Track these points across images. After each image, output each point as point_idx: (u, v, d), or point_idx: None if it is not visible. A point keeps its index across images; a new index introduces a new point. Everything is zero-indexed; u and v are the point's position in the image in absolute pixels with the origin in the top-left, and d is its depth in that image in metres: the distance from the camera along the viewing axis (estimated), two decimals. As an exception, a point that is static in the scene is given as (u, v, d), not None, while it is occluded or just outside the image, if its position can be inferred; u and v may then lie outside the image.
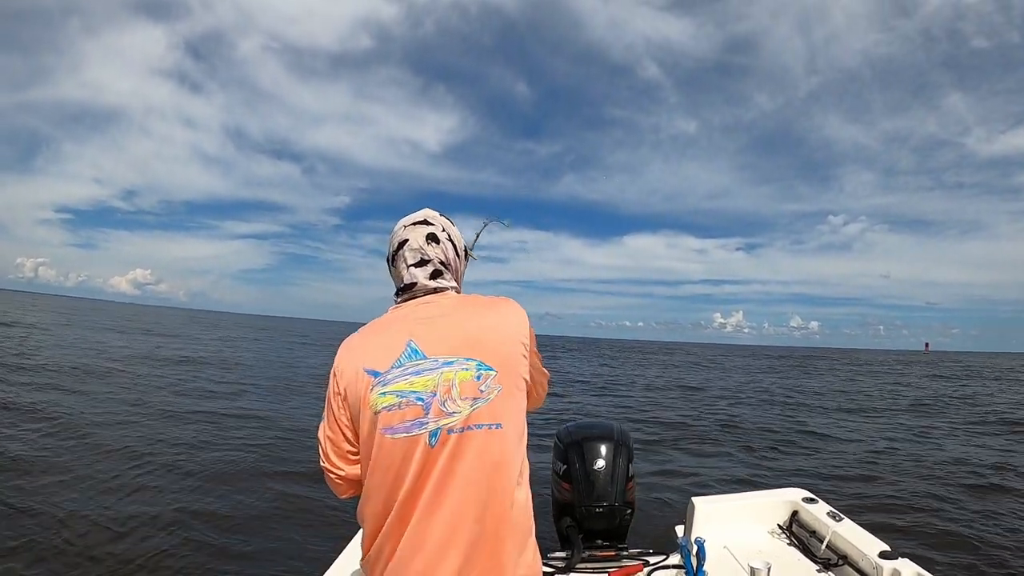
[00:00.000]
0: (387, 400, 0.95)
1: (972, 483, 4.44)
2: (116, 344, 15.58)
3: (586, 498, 2.12)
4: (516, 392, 1.00)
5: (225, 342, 19.85)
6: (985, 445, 5.46)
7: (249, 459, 5.45)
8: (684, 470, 4.95)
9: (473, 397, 0.95)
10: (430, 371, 0.95)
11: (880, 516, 3.83)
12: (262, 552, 3.54)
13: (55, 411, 6.81)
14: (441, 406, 0.94)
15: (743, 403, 7.72)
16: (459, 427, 0.93)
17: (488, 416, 0.95)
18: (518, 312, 1.06)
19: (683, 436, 5.99)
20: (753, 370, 17.50)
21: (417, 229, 1.11)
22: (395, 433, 0.94)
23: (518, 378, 1.01)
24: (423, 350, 0.97)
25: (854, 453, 5.25)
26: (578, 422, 2.45)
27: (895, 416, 6.68)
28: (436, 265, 1.09)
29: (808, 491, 2.21)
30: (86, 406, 7.27)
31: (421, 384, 0.95)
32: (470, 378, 0.95)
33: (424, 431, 0.93)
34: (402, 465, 0.93)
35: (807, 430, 6.12)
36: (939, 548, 3.43)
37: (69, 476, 4.65)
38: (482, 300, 1.08)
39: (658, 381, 12.19)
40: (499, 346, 0.99)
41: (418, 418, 0.93)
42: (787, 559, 1.90)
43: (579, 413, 7.32)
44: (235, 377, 9.78)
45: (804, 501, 2.11)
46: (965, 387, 14.39)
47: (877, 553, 1.71)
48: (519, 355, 1.02)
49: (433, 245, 1.10)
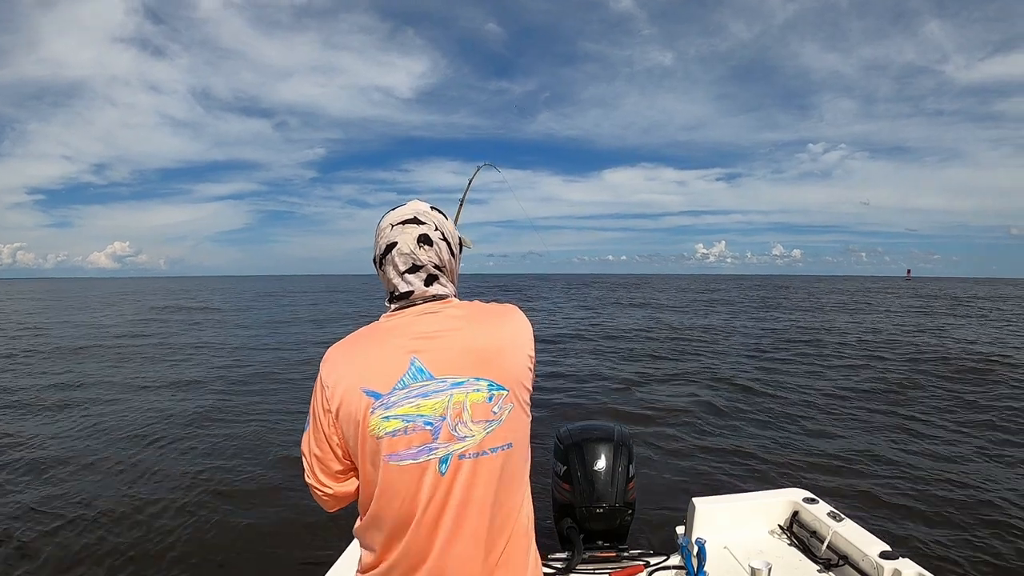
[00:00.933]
0: (391, 425, 0.88)
1: (973, 483, 4.44)
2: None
3: (586, 499, 2.12)
4: (524, 407, 0.97)
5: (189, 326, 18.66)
6: (988, 438, 5.47)
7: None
8: (684, 470, 4.95)
9: (486, 420, 0.90)
10: (438, 393, 0.88)
11: (881, 516, 3.83)
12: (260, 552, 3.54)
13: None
14: (452, 431, 0.88)
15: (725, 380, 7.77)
16: (472, 452, 0.89)
17: (501, 438, 0.91)
18: (524, 322, 1.01)
19: (680, 433, 5.99)
20: (736, 314, 17.93)
21: (407, 230, 0.98)
22: (401, 460, 0.88)
23: (525, 392, 0.97)
24: (430, 369, 0.89)
25: (853, 450, 5.26)
26: (578, 423, 2.45)
27: (884, 398, 6.72)
28: (430, 270, 0.98)
29: (808, 491, 2.22)
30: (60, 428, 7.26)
31: (429, 407, 0.88)
32: (482, 400, 0.90)
33: (433, 457, 0.88)
34: (411, 493, 0.88)
35: (798, 423, 6.13)
36: (942, 548, 3.43)
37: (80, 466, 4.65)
38: (487, 311, 1.00)
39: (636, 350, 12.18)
40: (509, 362, 0.93)
41: (426, 444, 0.88)
42: (788, 559, 1.90)
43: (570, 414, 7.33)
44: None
45: (805, 501, 2.12)
46: (954, 336, 14.35)
47: (878, 553, 1.71)
48: (526, 368, 0.97)
49: (426, 248, 0.98)
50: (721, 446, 5.63)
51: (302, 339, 14.97)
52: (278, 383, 9.00)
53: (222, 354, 12.27)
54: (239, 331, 17.32)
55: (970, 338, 13.88)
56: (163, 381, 9.14)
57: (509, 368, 0.93)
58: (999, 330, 16.10)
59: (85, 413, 6.99)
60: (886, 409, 6.91)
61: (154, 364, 10.96)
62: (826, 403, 7.36)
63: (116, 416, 6.85)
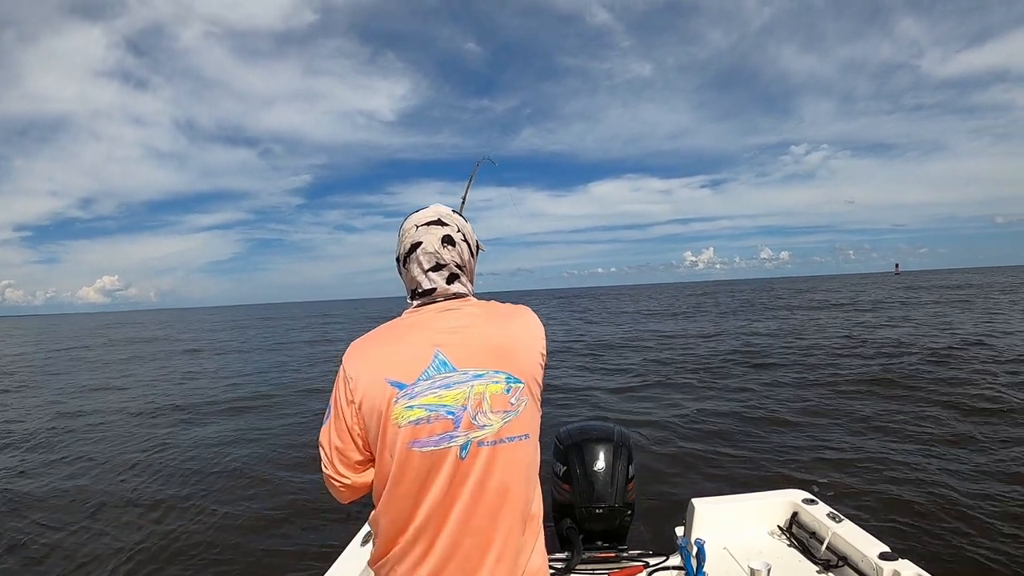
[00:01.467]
0: (415, 414, 0.92)
1: (973, 483, 4.44)
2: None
3: (586, 499, 2.12)
4: (537, 401, 1.03)
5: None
6: (983, 434, 5.47)
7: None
8: (683, 471, 4.96)
9: (504, 410, 0.96)
10: (460, 384, 0.94)
11: (880, 517, 3.83)
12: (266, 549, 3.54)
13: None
14: (472, 420, 0.93)
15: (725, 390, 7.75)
16: (490, 440, 0.94)
17: (518, 428, 0.97)
18: (536, 322, 1.08)
19: (680, 434, 6.00)
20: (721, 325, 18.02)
21: (431, 231, 1.05)
22: (423, 447, 0.93)
23: (538, 388, 1.03)
24: (452, 362, 0.95)
25: (852, 451, 5.26)
26: (578, 423, 2.45)
27: (883, 399, 6.71)
28: (452, 269, 1.05)
29: (808, 492, 2.22)
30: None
31: (451, 398, 0.93)
32: (500, 391, 0.96)
33: (454, 444, 0.93)
34: (429, 477, 0.93)
35: (792, 422, 6.14)
36: (940, 549, 3.43)
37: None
38: (504, 309, 1.07)
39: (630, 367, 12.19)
40: (524, 358, 1.00)
41: (447, 432, 0.93)
42: (787, 560, 1.91)
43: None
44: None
45: (804, 502, 2.12)
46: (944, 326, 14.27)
47: (877, 554, 1.71)
48: (539, 365, 1.03)
49: (449, 248, 1.05)
50: (720, 447, 5.63)
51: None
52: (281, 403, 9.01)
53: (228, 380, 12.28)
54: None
55: (963, 329, 13.87)
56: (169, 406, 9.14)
57: (524, 363, 0.99)
58: (989, 320, 16.12)
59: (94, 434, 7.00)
60: (885, 410, 6.91)
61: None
62: (825, 404, 7.36)
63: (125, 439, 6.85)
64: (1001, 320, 15.88)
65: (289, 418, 7.76)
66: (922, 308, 21.27)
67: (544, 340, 1.06)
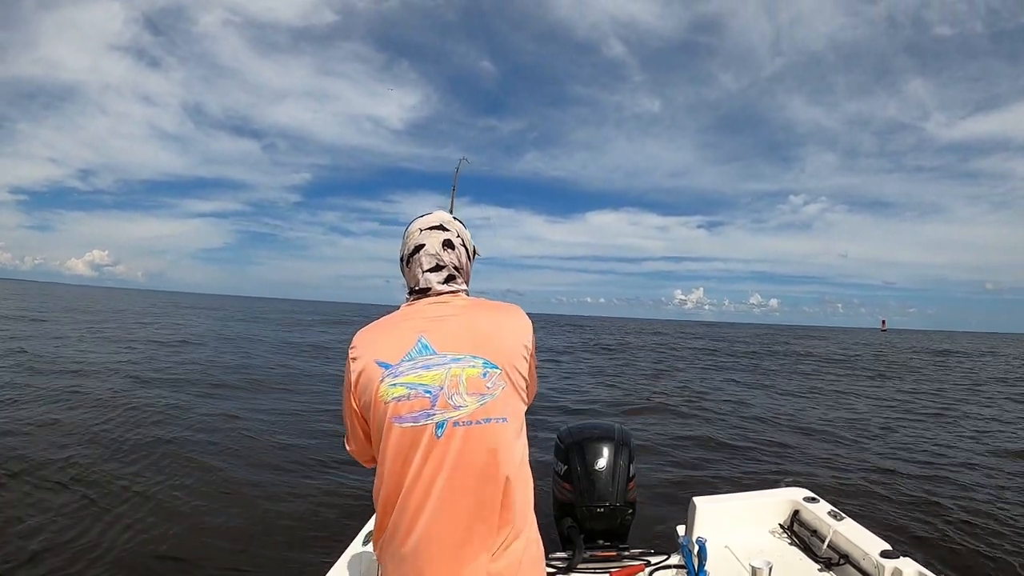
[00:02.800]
0: (397, 391, 1.01)
1: (973, 483, 4.44)
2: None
3: (587, 498, 2.12)
4: (517, 390, 1.07)
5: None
6: (984, 441, 5.47)
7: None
8: (684, 470, 4.96)
9: (480, 393, 1.01)
10: (439, 366, 1.01)
11: (881, 515, 3.84)
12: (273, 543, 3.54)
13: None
14: (448, 400, 1.00)
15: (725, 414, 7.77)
16: (465, 420, 1.00)
17: (493, 411, 1.01)
18: (523, 318, 1.14)
19: (681, 433, 6.00)
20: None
21: (433, 235, 1.16)
22: (403, 422, 1.00)
23: (519, 377, 1.07)
24: (433, 346, 1.03)
25: (853, 450, 5.27)
26: (579, 423, 2.45)
27: (882, 399, 6.70)
28: (450, 270, 1.15)
29: (809, 490, 2.22)
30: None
31: (430, 378, 1.01)
32: (477, 375, 1.01)
33: (431, 422, 0.99)
34: (409, 452, 0.99)
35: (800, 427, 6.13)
36: (941, 547, 3.43)
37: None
38: (491, 304, 1.15)
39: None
40: (505, 346, 1.06)
41: (424, 409, 0.99)
42: (788, 558, 1.90)
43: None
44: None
45: (805, 500, 2.12)
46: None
47: (879, 552, 1.71)
48: (521, 356, 1.08)
49: (448, 251, 1.16)
50: (722, 446, 5.63)
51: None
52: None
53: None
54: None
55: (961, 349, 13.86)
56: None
57: (503, 351, 1.05)
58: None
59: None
60: (884, 410, 6.91)
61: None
62: (825, 404, 7.36)
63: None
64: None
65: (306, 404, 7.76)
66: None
67: (530, 335, 1.12)
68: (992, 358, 21.53)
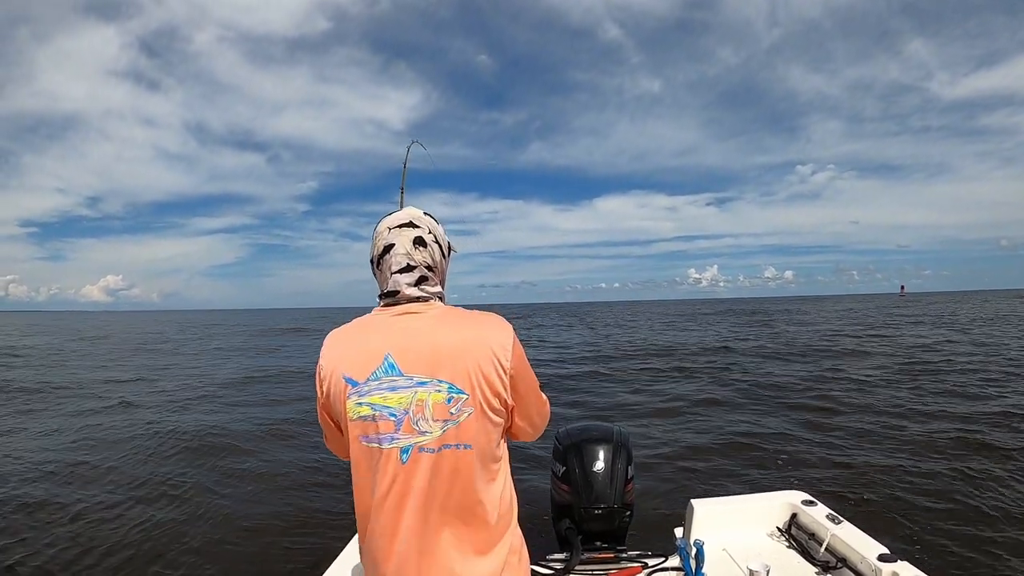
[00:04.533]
0: (362, 411, 0.98)
1: (971, 486, 4.44)
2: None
3: (585, 500, 2.12)
4: (488, 414, 1.01)
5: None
6: (987, 441, 5.47)
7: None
8: (682, 472, 4.95)
9: (444, 419, 0.97)
10: (404, 389, 0.98)
11: (879, 518, 3.83)
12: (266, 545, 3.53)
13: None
14: (414, 424, 0.97)
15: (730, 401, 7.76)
16: (429, 447, 0.97)
17: (456, 437, 0.98)
18: (501, 332, 1.03)
19: (679, 435, 6.00)
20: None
21: (403, 233, 1.08)
22: (369, 442, 0.99)
23: (491, 400, 1.00)
24: (400, 366, 0.98)
25: (851, 453, 5.26)
26: (577, 424, 2.45)
27: (882, 400, 6.70)
28: (422, 271, 1.07)
29: (807, 493, 2.22)
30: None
31: (395, 400, 0.97)
32: (442, 400, 0.97)
33: (395, 446, 0.97)
34: (375, 474, 0.98)
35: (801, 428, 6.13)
36: (939, 550, 3.43)
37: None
38: (464, 318, 1.05)
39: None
40: (473, 368, 0.99)
41: (389, 432, 0.97)
42: (786, 561, 1.91)
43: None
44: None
45: (803, 503, 2.12)
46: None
47: (876, 556, 1.71)
48: (494, 377, 1.00)
49: (420, 249, 1.07)
50: (720, 448, 5.63)
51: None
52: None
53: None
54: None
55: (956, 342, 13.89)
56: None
57: (472, 373, 0.99)
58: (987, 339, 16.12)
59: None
60: (884, 412, 6.92)
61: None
62: (824, 406, 7.36)
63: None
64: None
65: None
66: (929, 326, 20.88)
67: (508, 350, 1.02)
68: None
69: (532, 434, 1.16)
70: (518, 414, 1.09)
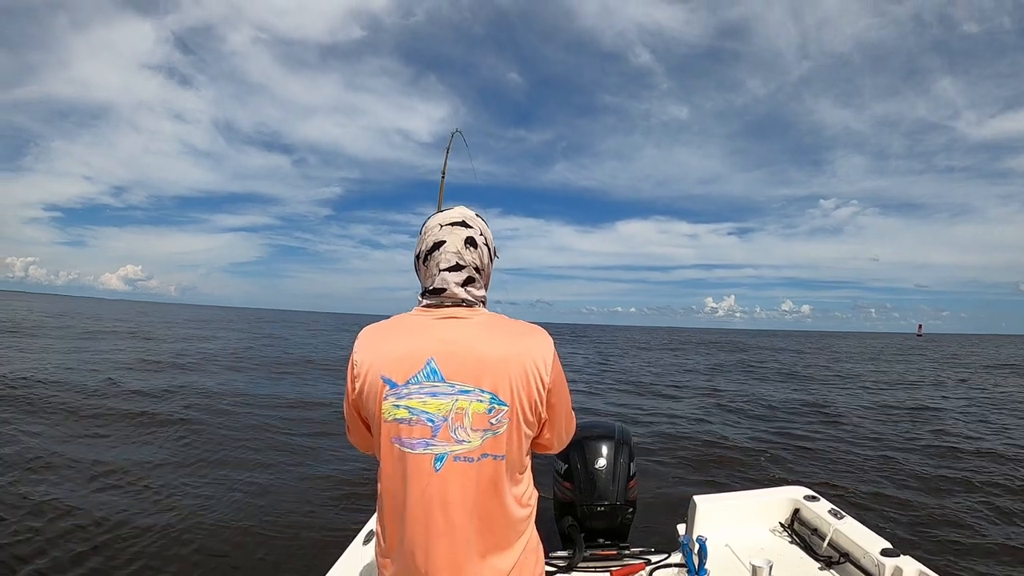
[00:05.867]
0: (399, 413, 0.97)
1: (975, 481, 4.44)
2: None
3: (587, 497, 2.13)
4: (524, 427, 1.01)
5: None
6: (988, 440, 5.46)
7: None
8: (684, 469, 4.96)
9: (484, 429, 0.96)
10: (446, 395, 0.96)
11: (882, 513, 3.83)
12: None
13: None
14: (452, 432, 0.96)
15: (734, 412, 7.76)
16: (465, 456, 0.96)
17: (494, 448, 0.97)
18: (543, 346, 1.03)
19: (681, 432, 6.00)
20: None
21: (456, 231, 1.06)
22: (402, 445, 0.97)
23: (528, 413, 1.00)
24: (442, 372, 0.97)
25: (854, 448, 5.26)
26: (580, 421, 2.45)
27: (882, 400, 6.70)
28: (470, 271, 1.06)
29: (809, 488, 2.21)
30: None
31: (435, 406, 0.96)
32: (483, 410, 0.96)
33: (430, 452, 0.96)
34: (407, 479, 0.97)
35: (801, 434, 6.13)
36: (942, 545, 3.43)
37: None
38: (510, 328, 1.04)
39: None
40: (516, 382, 0.98)
41: (424, 438, 0.96)
42: (789, 557, 1.91)
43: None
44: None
45: (805, 499, 2.11)
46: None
47: (879, 550, 1.71)
48: (534, 392, 1.00)
49: (471, 250, 1.06)
50: (722, 444, 5.63)
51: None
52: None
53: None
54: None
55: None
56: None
57: (514, 386, 0.98)
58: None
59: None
60: (885, 410, 6.91)
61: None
62: (825, 403, 7.35)
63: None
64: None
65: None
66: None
67: (549, 366, 1.01)
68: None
69: (556, 448, 1.16)
70: (549, 428, 1.08)
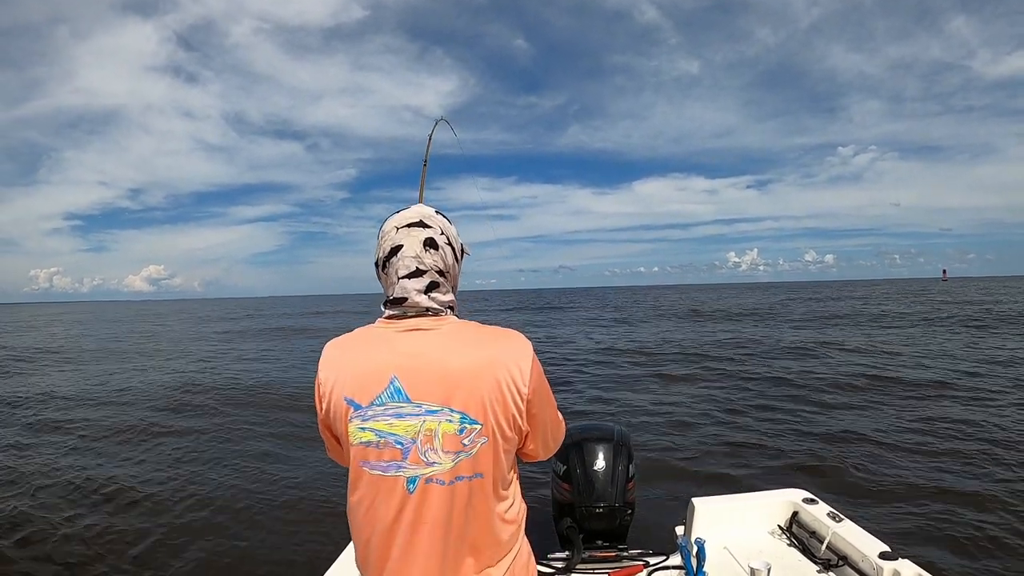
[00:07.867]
0: (365, 436, 0.91)
1: (973, 484, 4.44)
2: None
3: (586, 498, 2.13)
4: (502, 442, 0.94)
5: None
6: (991, 439, 5.46)
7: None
8: (683, 470, 4.95)
9: (456, 451, 0.90)
10: (413, 416, 0.90)
11: (880, 516, 3.83)
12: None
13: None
14: (422, 455, 0.90)
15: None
16: (439, 479, 0.90)
17: (469, 468, 0.91)
18: (517, 352, 0.95)
19: (680, 433, 6.00)
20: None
21: (413, 233, 0.96)
22: (372, 469, 0.92)
23: (506, 429, 0.94)
24: (407, 391, 0.90)
25: (853, 451, 5.26)
26: (579, 423, 2.45)
27: (883, 399, 6.70)
28: (433, 276, 0.96)
29: (808, 491, 2.22)
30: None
31: (402, 428, 0.90)
32: (453, 431, 0.90)
33: (401, 475, 0.90)
34: (377, 500, 0.92)
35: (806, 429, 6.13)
36: (940, 548, 3.43)
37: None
38: (479, 336, 0.96)
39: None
40: (489, 397, 0.91)
41: (395, 460, 0.90)
42: (787, 560, 1.91)
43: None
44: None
45: (804, 502, 2.12)
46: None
47: (877, 554, 1.71)
48: (510, 405, 0.93)
49: (431, 252, 0.96)
50: (721, 446, 5.62)
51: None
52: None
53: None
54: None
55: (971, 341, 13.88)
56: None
57: (486, 401, 0.91)
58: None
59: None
60: (885, 410, 6.91)
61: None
62: (826, 404, 7.35)
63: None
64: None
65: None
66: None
67: (526, 373, 0.93)
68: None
69: (544, 456, 1.10)
70: (532, 439, 1.02)
